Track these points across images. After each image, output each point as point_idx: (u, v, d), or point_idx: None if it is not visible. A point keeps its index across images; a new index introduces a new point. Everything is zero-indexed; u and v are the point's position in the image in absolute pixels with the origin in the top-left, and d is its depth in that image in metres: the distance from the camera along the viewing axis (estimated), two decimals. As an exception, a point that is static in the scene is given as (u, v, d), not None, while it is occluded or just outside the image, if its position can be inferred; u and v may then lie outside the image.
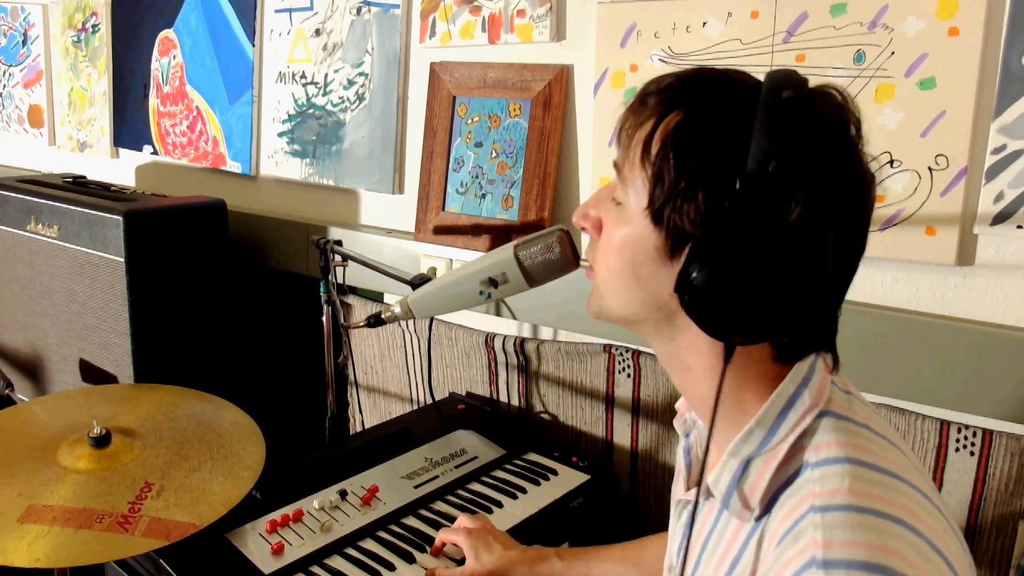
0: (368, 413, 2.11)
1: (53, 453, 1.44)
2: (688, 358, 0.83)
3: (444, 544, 1.39)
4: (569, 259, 0.97)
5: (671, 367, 0.87)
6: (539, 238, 0.98)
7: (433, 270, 1.85)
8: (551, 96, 1.71)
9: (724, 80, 0.78)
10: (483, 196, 1.80)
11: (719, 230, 0.72)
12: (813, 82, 0.75)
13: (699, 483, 0.94)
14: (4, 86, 3.00)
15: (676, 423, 1.02)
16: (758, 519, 0.79)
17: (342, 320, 1.82)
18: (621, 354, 1.69)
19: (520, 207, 1.75)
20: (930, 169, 1.35)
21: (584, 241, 1.08)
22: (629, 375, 1.70)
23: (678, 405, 1.03)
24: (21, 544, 1.22)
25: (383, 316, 1.26)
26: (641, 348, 1.68)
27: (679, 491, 0.97)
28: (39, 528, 1.26)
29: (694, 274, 0.73)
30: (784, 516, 0.75)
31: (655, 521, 1.75)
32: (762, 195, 0.70)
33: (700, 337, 0.77)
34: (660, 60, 1.58)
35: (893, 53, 1.35)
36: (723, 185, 0.72)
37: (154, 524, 1.28)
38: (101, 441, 1.43)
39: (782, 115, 0.71)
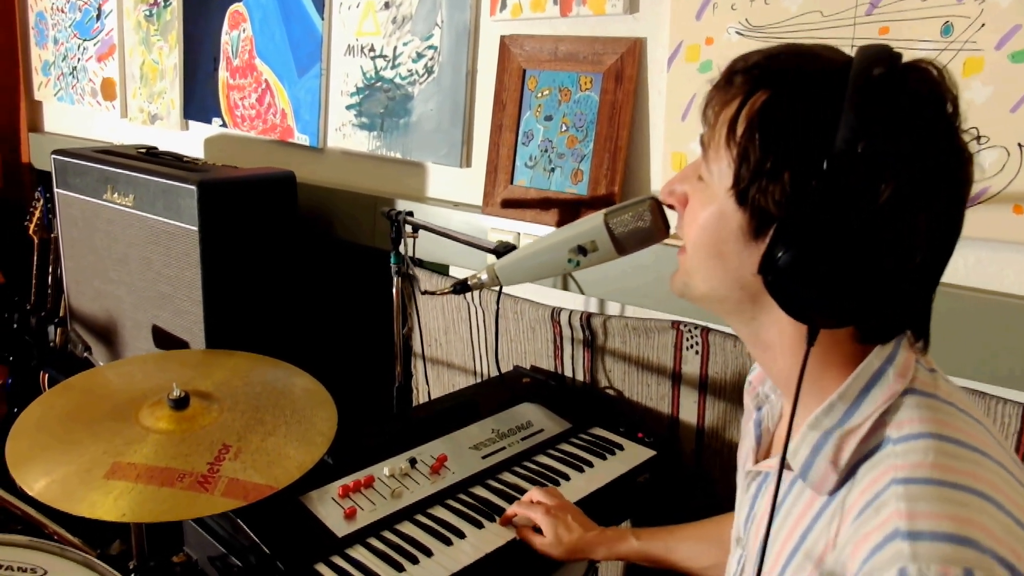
0: (432, 384, 2.13)
1: (135, 414, 1.48)
2: (769, 337, 0.83)
3: (515, 515, 1.40)
4: (659, 228, 0.97)
5: (752, 345, 0.86)
6: (630, 206, 0.98)
7: (502, 244, 1.85)
8: (623, 69, 1.70)
9: (812, 57, 0.76)
10: (552, 170, 1.80)
11: (804, 212, 0.71)
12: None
13: (768, 455, 0.94)
14: (79, 60, 3.06)
15: (747, 396, 1.01)
16: (832, 493, 0.78)
17: (421, 288, 1.83)
18: (689, 331, 1.68)
19: (590, 181, 1.74)
20: (1020, 145, 1.31)
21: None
22: (697, 352, 1.69)
23: (751, 377, 1.02)
24: (108, 499, 1.26)
25: (469, 283, 1.27)
26: (710, 325, 1.66)
27: (748, 463, 0.97)
28: (124, 484, 1.30)
29: (778, 256, 0.73)
30: (863, 489, 0.74)
31: (721, 499, 1.74)
32: (850, 177, 0.69)
33: (783, 317, 0.76)
34: (737, 33, 1.55)
35: (983, 25, 1.31)
36: (809, 166, 0.71)
37: (232, 485, 1.32)
38: (180, 403, 1.46)
39: (872, 93, 0.69)
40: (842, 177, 0.69)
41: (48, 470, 1.33)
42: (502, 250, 1.36)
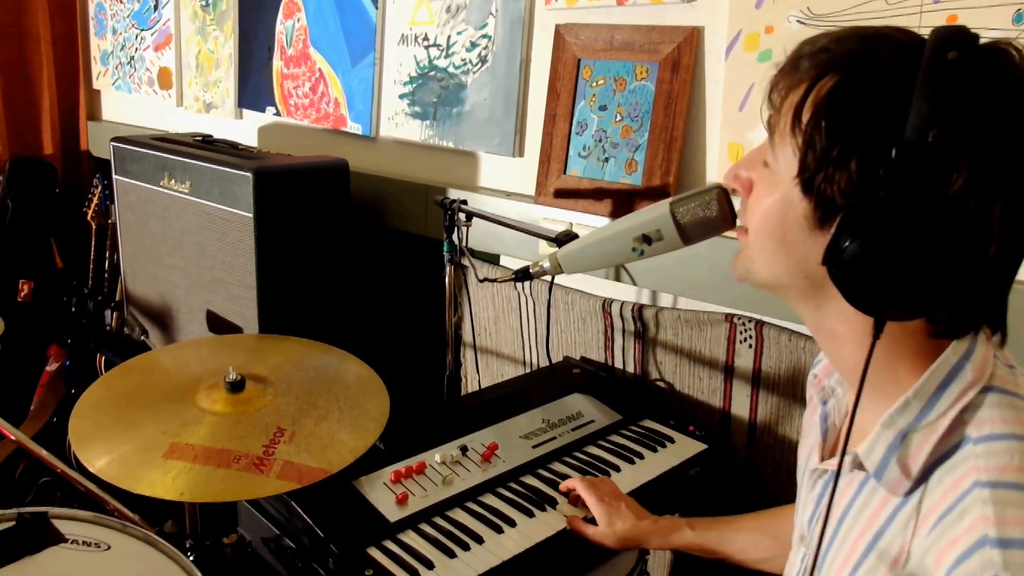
0: (480, 374, 2.13)
1: (192, 396, 1.50)
2: (835, 327, 0.81)
3: (573, 488, 1.40)
4: (726, 217, 0.96)
5: (817, 333, 0.85)
6: (696, 195, 0.97)
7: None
8: (680, 59, 1.68)
9: (883, 40, 0.73)
10: (606, 160, 1.79)
11: (872, 202, 0.69)
12: None
13: (835, 452, 0.92)
14: (136, 49, 3.12)
15: (812, 388, 0.99)
16: (907, 494, 0.76)
17: (475, 277, 1.83)
18: (743, 324, 1.66)
19: (644, 172, 1.72)
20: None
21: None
22: (750, 345, 1.67)
23: (816, 370, 1.01)
24: (167, 478, 1.29)
25: (531, 271, 1.27)
26: (764, 319, 1.64)
27: (813, 460, 0.95)
28: (182, 464, 1.32)
29: (844, 246, 0.71)
30: (944, 492, 0.72)
31: (772, 494, 1.72)
32: (920, 164, 0.67)
33: (849, 308, 0.74)
34: (798, 21, 1.53)
35: (1059, 12, 1.27)
36: (878, 155, 0.69)
37: (287, 467, 1.33)
38: (236, 386, 1.48)
39: (947, 77, 0.67)
40: (912, 165, 0.67)
41: (109, 448, 1.36)
42: (563, 238, 1.36)
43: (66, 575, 1.13)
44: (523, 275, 1.29)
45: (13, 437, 1.47)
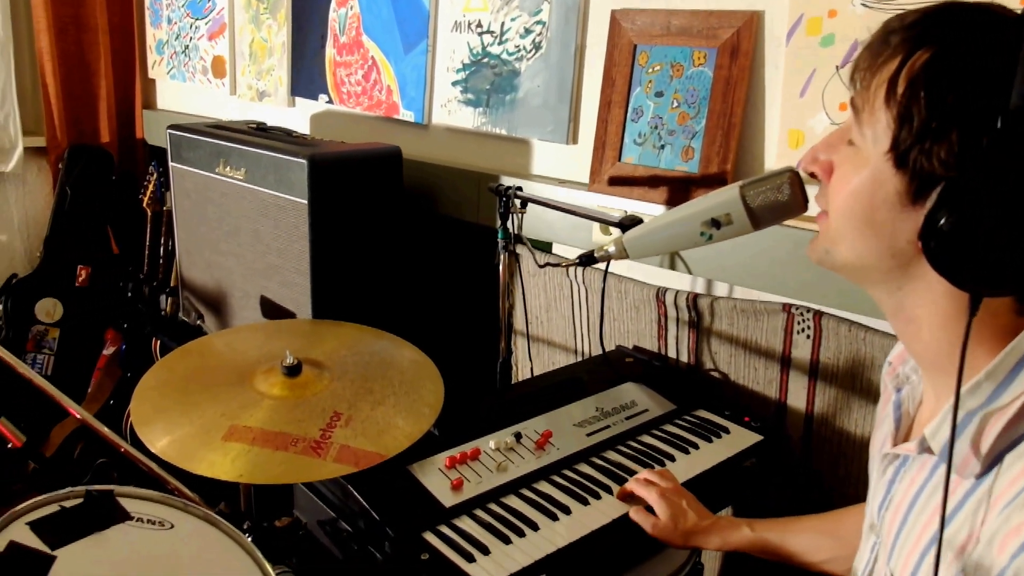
0: (532, 362, 2.13)
1: (250, 379, 1.52)
2: (915, 309, 0.79)
3: (631, 492, 1.39)
4: (798, 201, 0.94)
5: (894, 316, 0.83)
6: (767, 178, 0.95)
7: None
8: (739, 44, 1.65)
9: (977, 12, 0.73)
10: (662, 147, 1.77)
11: (974, 172, 0.68)
12: None
13: (908, 439, 0.90)
14: (191, 39, 3.16)
15: (887, 376, 0.97)
16: (979, 477, 0.74)
17: (525, 265, 1.82)
18: (801, 314, 1.63)
19: (701, 159, 1.70)
20: None
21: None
22: (808, 336, 1.64)
23: (891, 357, 0.98)
24: (226, 460, 1.30)
25: (596, 255, 1.26)
26: (823, 309, 1.61)
27: (885, 445, 0.93)
28: (241, 446, 1.33)
29: (943, 220, 0.69)
30: (1014, 478, 0.71)
31: (829, 489, 1.69)
32: None
33: (935, 288, 0.73)
34: (863, 5, 1.49)
35: None
36: (981, 124, 0.67)
37: (344, 451, 1.34)
38: (293, 371, 1.50)
39: None
40: (1018, 134, 0.66)
41: (169, 430, 1.38)
42: (628, 223, 1.34)
43: (133, 551, 1.16)
44: (587, 259, 1.28)
45: (79, 415, 1.49)
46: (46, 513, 1.13)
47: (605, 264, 1.63)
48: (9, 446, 1.42)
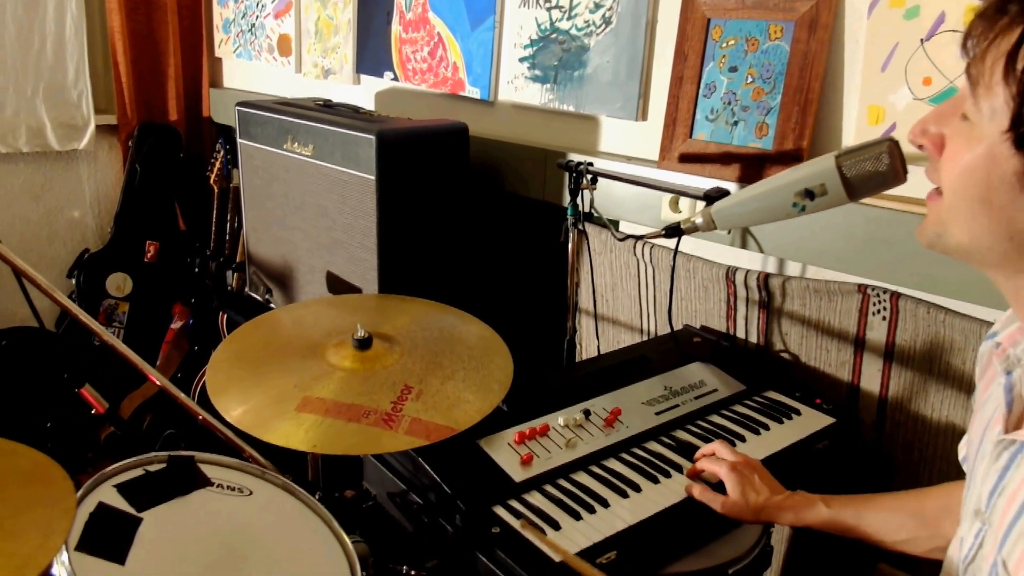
0: (597, 340, 2.12)
1: (321, 352, 1.53)
2: None
3: (701, 471, 1.37)
4: (897, 172, 0.91)
5: (1013, 300, 0.81)
6: (865, 148, 0.93)
7: (676, 199, 1.81)
8: (818, 17, 1.61)
9: None
10: (735, 123, 1.73)
11: None
12: None
13: (1019, 424, 0.87)
14: (257, 17, 3.19)
15: (995, 358, 0.94)
16: None
17: (591, 242, 1.79)
18: (878, 295, 1.60)
19: (776, 136, 1.67)
20: None
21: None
22: (884, 318, 1.60)
23: (999, 339, 0.95)
24: (300, 430, 1.32)
25: (682, 226, 1.24)
26: (901, 290, 1.57)
27: (994, 431, 0.89)
28: (314, 417, 1.35)
29: None
30: None
31: (901, 473, 1.65)
32: None
33: None
34: (951, -25, 1.44)
35: None
36: None
37: (415, 424, 1.34)
38: (364, 344, 1.51)
39: None
40: None
41: (243, 400, 1.40)
42: (715, 195, 1.32)
43: (214, 516, 1.18)
44: (673, 231, 1.26)
45: (158, 382, 1.53)
46: (132, 476, 1.16)
47: (676, 242, 1.61)
48: (92, 412, 1.46)
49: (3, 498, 0.86)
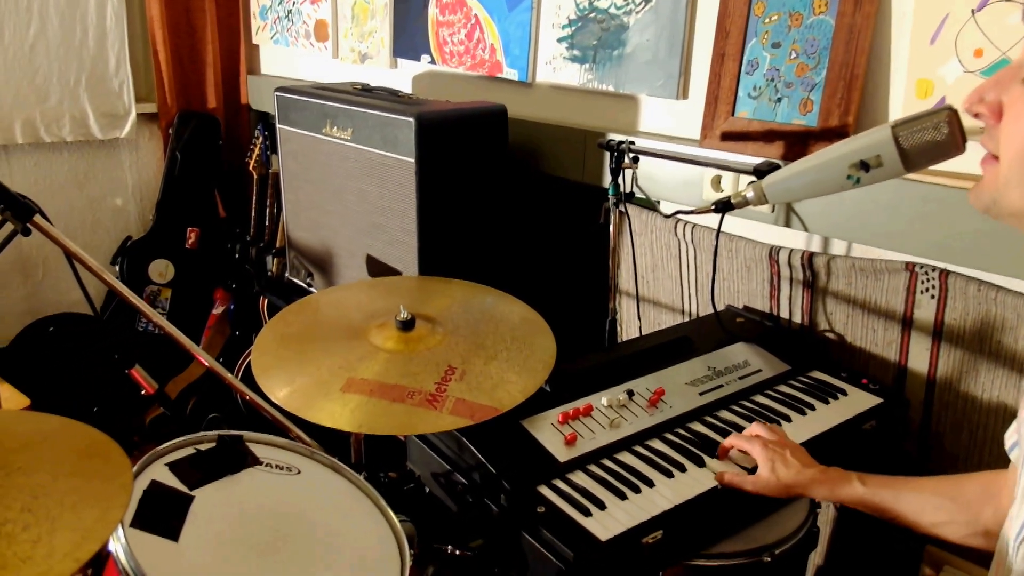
0: (638, 322, 2.11)
1: (364, 334, 1.55)
2: None
3: (731, 448, 1.36)
4: (956, 141, 0.89)
5: None
6: (923, 117, 0.91)
7: (718, 178, 1.79)
8: (864, -10, 1.57)
9: None
10: (778, 100, 1.71)
11: None
12: None
13: None
14: (293, 3, 3.20)
15: None
16: None
17: (633, 223, 1.76)
18: (926, 273, 1.57)
19: (820, 112, 1.64)
20: None
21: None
22: (933, 296, 1.57)
23: None
24: (345, 410, 1.33)
25: (732, 201, 1.23)
26: (950, 267, 1.54)
27: None
28: (359, 398, 1.36)
29: None
30: None
31: (949, 455, 1.63)
32: None
33: None
34: (1004, -57, 1.40)
35: None
36: None
37: (459, 404, 1.35)
38: (407, 325, 1.52)
39: None
40: None
41: (289, 380, 1.42)
42: (765, 169, 1.30)
43: (264, 494, 1.20)
44: (724, 206, 1.25)
45: (206, 362, 1.55)
46: (183, 455, 1.18)
47: (720, 219, 1.60)
48: (142, 392, 1.48)
49: (64, 473, 0.88)
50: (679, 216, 1.52)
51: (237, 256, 3.29)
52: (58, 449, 0.93)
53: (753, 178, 1.24)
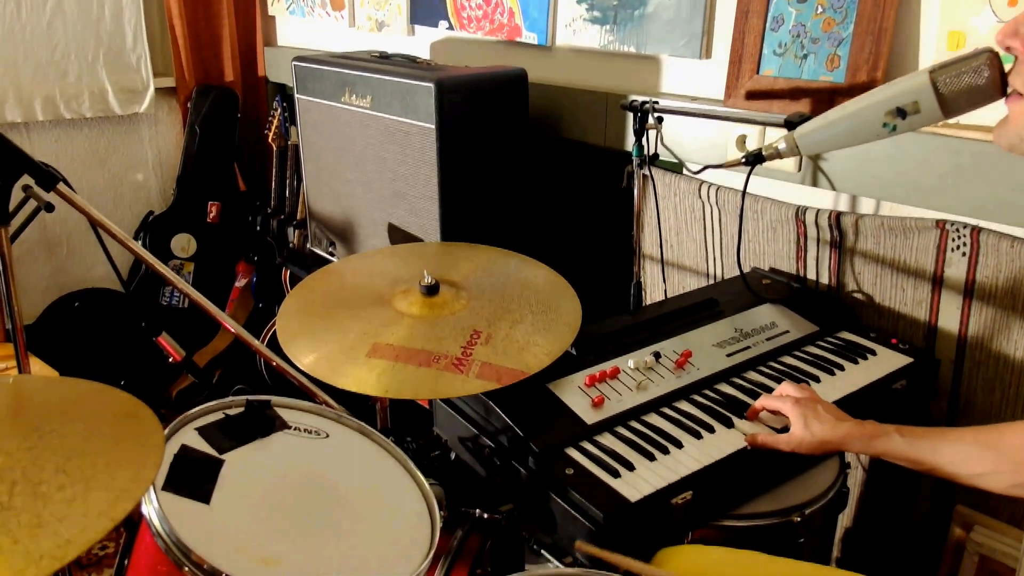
0: (662, 285, 2.09)
1: (389, 300, 1.54)
2: None
3: (762, 409, 1.35)
4: (996, 85, 0.86)
5: None
6: (962, 61, 0.88)
7: (743, 138, 1.76)
8: (893, -60, 1.53)
9: None
10: (804, 57, 1.68)
11: None
12: None
13: None
14: (309, -29, 3.18)
15: None
16: None
17: (657, 186, 1.75)
18: (957, 230, 1.54)
19: (848, 67, 1.60)
20: None
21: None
22: (964, 253, 1.55)
23: None
24: (371, 375, 1.33)
25: (764, 153, 1.21)
26: (982, 224, 1.51)
27: None
28: (385, 363, 1.36)
29: None
30: None
31: (982, 413, 1.61)
32: None
33: None
34: None
35: None
36: None
37: (485, 368, 1.35)
38: (431, 290, 1.51)
39: None
40: None
41: (315, 347, 1.42)
42: (796, 120, 1.28)
43: (293, 458, 1.20)
44: (755, 159, 1.23)
45: (232, 329, 1.55)
46: (212, 420, 1.18)
47: (745, 179, 1.57)
48: (170, 360, 1.49)
49: (96, 435, 0.88)
50: (707, 174, 1.49)
51: (258, 229, 3.29)
52: (89, 412, 0.94)
53: (783, 132, 1.22)
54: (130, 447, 0.87)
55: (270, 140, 3.17)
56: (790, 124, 1.28)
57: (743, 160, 1.24)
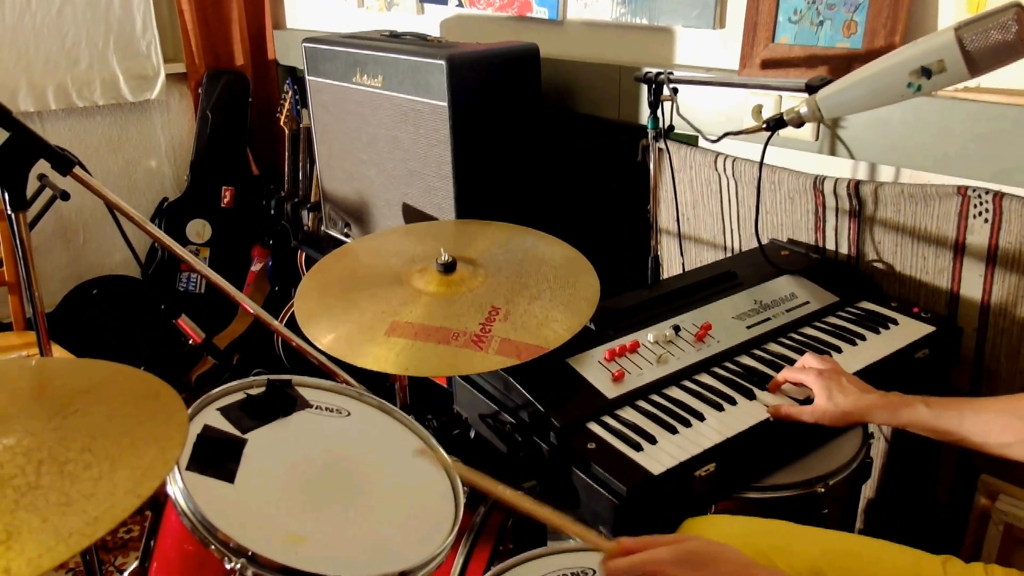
0: (679, 259, 2.08)
1: (406, 278, 1.54)
2: None
3: (784, 381, 1.35)
4: (1024, 40, 0.85)
5: None
6: (988, 17, 0.86)
7: (759, 107, 1.74)
8: (910, -99, 1.50)
9: None
10: (820, 23, 1.65)
11: None
12: None
13: None
14: (316, -48, 3.16)
15: None
16: None
17: (673, 160, 1.73)
18: (979, 196, 1.52)
19: (865, 33, 1.58)
20: None
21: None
22: (987, 220, 1.52)
23: None
24: (391, 354, 1.33)
25: (785, 118, 1.19)
26: (1005, 189, 1.49)
27: None
28: (404, 341, 1.36)
29: None
30: None
31: (1006, 381, 1.59)
32: None
33: None
34: None
35: None
36: None
37: (505, 344, 1.35)
38: (448, 268, 1.51)
39: None
40: None
41: (333, 327, 1.42)
42: (817, 84, 1.26)
43: (315, 436, 1.20)
44: (775, 124, 1.21)
45: (251, 309, 1.56)
46: (234, 400, 1.19)
47: (763, 148, 1.55)
48: (190, 342, 1.49)
49: (120, 415, 0.89)
50: (722, 146, 1.47)
51: (272, 213, 3.30)
52: (113, 393, 0.94)
53: (801, 97, 1.20)
54: (154, 426, 0.87)
55: (282, 123, 3.16)
56: (811, 88, 1.26)
57: (764, 126, 1.22)
